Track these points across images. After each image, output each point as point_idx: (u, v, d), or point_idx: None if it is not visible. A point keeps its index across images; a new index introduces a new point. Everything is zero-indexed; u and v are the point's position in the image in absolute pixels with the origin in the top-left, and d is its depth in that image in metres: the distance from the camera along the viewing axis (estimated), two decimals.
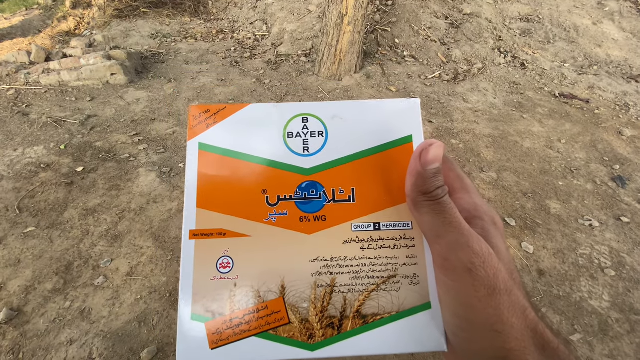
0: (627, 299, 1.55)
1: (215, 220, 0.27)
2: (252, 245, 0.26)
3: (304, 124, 0.26)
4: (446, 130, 2.58)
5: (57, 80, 2.88)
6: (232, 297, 0.25)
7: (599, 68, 3.67)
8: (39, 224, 1.70)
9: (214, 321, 0.25)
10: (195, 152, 0.28)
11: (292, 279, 0.26)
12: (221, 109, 0.29)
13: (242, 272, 0.26)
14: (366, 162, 0.25)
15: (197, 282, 0.26)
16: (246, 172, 0.27)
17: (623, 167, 2.36)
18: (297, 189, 0.26)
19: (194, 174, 0.28)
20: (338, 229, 0.26)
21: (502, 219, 1.87)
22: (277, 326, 0.25)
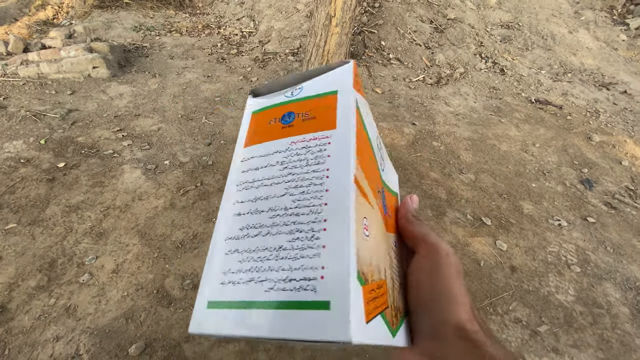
0: (591, 293, 1.67)
1: (362, 178, 0.29)
2: (375, 216, 0.30)
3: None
4: (428, 133, 2.67)
5: (36, 72, 2.80)
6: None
7: (573, 75, 3.86)
8: (20, 221, 1.67)
9: (367, 287, 0.25)
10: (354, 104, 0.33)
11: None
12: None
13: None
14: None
15: (356, 235, 0.25)
16: None
17: (591, 171, 2.52)
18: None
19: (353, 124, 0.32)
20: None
21: (478, 219, 1.97)
22: (384, 308, 0.27)
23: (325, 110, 0.32)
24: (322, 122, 0.32)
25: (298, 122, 0.33)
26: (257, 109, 0.36)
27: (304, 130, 0.32)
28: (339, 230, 0.25)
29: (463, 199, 2.11)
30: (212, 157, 2.23)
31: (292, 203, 0.28)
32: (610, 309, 1.61)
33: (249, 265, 0.27)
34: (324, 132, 0.31)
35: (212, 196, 1.94)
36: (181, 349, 1.27)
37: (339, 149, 0.29)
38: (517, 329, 1.48)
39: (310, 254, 0.25)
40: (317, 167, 0.29)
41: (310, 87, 0.35)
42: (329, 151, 0.29)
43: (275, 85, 0.37)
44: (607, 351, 1.45)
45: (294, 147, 0.31)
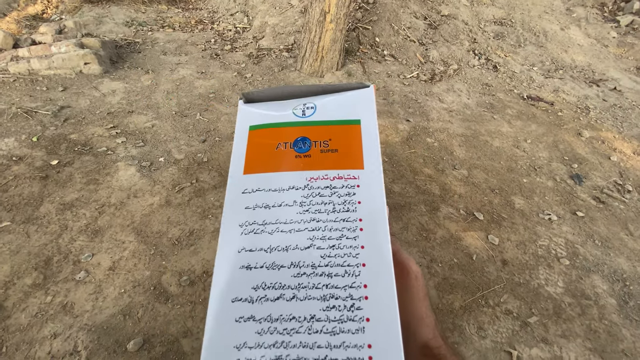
0: (579, 285, 1.72)
1: None
2: None
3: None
4: (422, 129, 2.70)
5: (27, 68, 2.75)
6: None
7: (564, 72, 3.91)
8: (14, 219, 1.66)
9: None
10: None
11: None
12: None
13: None
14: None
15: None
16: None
17: (581, 166, 2.57)
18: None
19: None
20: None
21: (471, 213, 2.00)
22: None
23: (349, 144, 0.28)
24: (346, 158, 0.28)
25: (316, 152, 0.28)
26: (256, 125, 0.31)
27: (325, 164, 0.28)
28: (384, 299, 0.22)
29: (456, 195, 2.14)
30: (207, 154, 2.23)
31: (321, 259, 0.24)
32: (598, 300, 1.66)
33: (273, 339, 0.22)
34: (351, 172, 0.27)
35: (208, 193, 1.94)
36: (179, 344, 1.29)
37: (371, 194, 0.26)
38: (508, 320, 1.52)
39: (352, 328, 0.21)
40: (347, 215, 0.25)
41: (326, 109, 0.30)
42: (359, 196, 0.26)
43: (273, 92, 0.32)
44: (594, 341, 1.50)
45: (314, 186, 0.27)
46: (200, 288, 1.48)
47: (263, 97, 0.32)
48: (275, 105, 0.31)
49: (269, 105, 0.32)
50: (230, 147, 2.30)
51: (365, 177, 0.27)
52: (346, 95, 0.30)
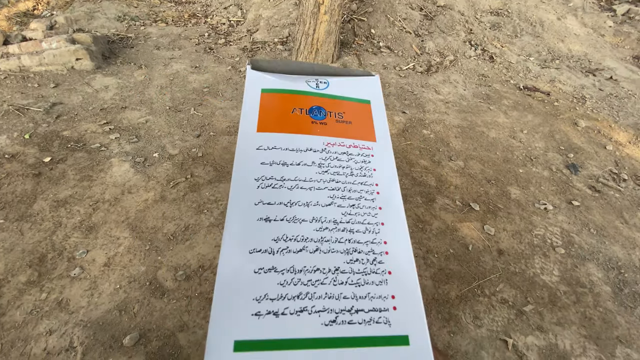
0: (574, 273, 1.73)
1: None
2: None
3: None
4: (418, 121, 2.68)
5: (18, 65, 2.72)
6: None
7: (561, 62, 3.89)
8: (7, 217, 1.65)
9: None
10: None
11: None
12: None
13: None
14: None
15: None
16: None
17: (576, 156, 2.57)
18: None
19: None
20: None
21: (467, 204, 2.00)
22: None
23: (361, 118, 0.30)
24: (360, 130, 0.30)
25: (331, 121, 0.30)
26: (268, 88, 0.31)
27: (341, 133, 0.29)
28: (403, 257, 0.23)
29: (452, 186, 2.14)
30: (202, 149, 2.21)
31: (342, 217, 0.25)
32: (593, 288, 1.67)
33: (297, 290, 0.22)
34: (366, 142, 0.29)
35: (203, 188, 1.93)
36: (176, 338, 1.29)
37: (384, 165, 0.28)
38: (503, 309, 1.53)
39: (376, 280, 0.22)
40: (365, 179, 0.27)
41: (338, 86, 0.32)
42: (374, 164, 0.28)
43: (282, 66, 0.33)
44: (589, 328, 1.51)
45: (332, 150, 0.28)
46: (196, 283, 1.48)
47: (271, 69, 0.32)
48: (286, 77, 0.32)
49: (279, 76, 0.32)
50: (225, 141, 2.29)
51: (378, 149, 0.29)
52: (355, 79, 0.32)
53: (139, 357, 1.23)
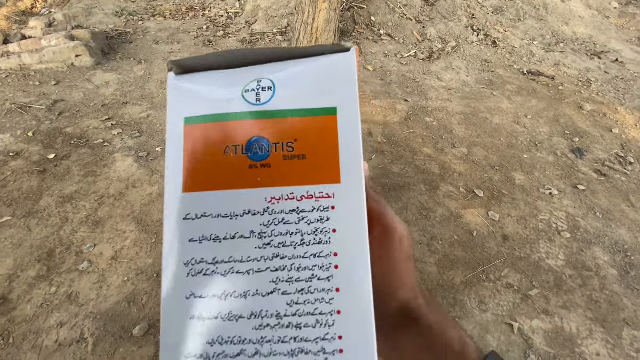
0: (580, 257, 1.72)
1: None
2: None
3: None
4: (421, 109, 2.66)
5: (18, 63, 2.72)
6: None
7: (565, 45, 3.82)
8: (14, 213, 1.67)
9: None
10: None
11: None
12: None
13: None
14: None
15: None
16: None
17: (582, 140, 2.54)
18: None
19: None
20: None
21: (471, 191, 2.00)
22: None
23: (320, 146, 0.22)
24: (317, 167, 0.21)
25: (277, 160, 0.22)
26: (193, 116, 0.23)
27: (290, 178, 0.22)
28: (362, 352, 0.19)
29: (456, 173, 2.13)
30: None
31: (288, 307, 0.20)
32: (599, 272, 1.66)
33: None
34: (325, 187, 0.21)
35: None
36: None
37: (349, 220, 0.21)
38: (509, 294, 1.53)
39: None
40: (320, 248, 0.21)
41: (288, 90, 0.23)
42: (334, 222, 0.21)
43: (215, 60, 0.24)
44: (595, 311, 1.51)
45: (277, 209, 0.21)
46: None
47: (202, 66, 0.24)
48: (220, 78, 0.23)
49: (211, 79, 0.24)
50: None
51: (342, 194, 0.21)
52: (317, 63, 0.22)
53: (149, 347, 1.25)
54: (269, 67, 0.23)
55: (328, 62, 0.22)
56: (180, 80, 0.24)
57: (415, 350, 0.26)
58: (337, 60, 0.22)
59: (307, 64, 0.23)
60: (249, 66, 0.23)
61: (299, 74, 0.22)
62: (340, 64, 0.22)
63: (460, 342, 0.25)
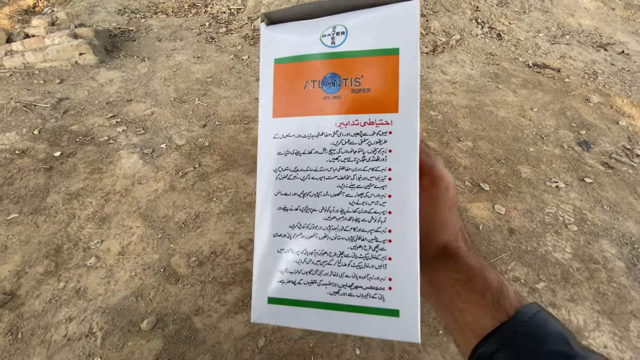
0: (587, 250, 1.71)
1: None
2: None
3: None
4: (425, 103, 2.64)
5: (22, 62, 2.73)
6: None
7: (571, 37, 3.77)
8: (21, 210, 1.68)
9: None
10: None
11: None
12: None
13: None
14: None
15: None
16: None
17: (589, 132, 2.51)
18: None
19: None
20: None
21: (476, 185, 1.99)
22: None
23: (382, 81, 0.26)
24: (379, 99, 0.26)
25: (346, 93, 0.26)
26: (281, 57, 0.28)
27: (356, 108, 0.26)
28: (406, 243, 0.24)
29: (461, 166, 2.11)
30: (208, 138, 2.22)
31: (350, 206, 0.26)
32: (607, 264, 1.65)
33: (309, 267, 0.26)
34: (383, 116, 0.25)
35: (211, 177, 1.94)
36: (191, 322, 1.32)
37: (403, 143, 0.25)
38: (515, 287, 1.52)
39: (375, 265, 0.25)
40: (376, 164, 0.25)
41: (359, 34, 0.26)
42: (390, 144, 0.25)
43: (299, 11, 0.28)
44: (603, 303, 1.50)
45: (344, 132, 0.26)
46: (209, 268, 1.50)
47: (287, 17, 0.29)
48: (303, 26, 0.28)
49: (295, 27, 0.28)
50: (231, 130, 2.29)
51: (399, 121, 0.25)
52: (384, 12, 0.26)
53: (157, 341, 1.26)
54: (343, 15, 0.27)
55: (394, 10, 0.26)
56: (270, 30, 0.29)
57: (452, 284, 0.27)
58: (403, 8, 0.26)
59: (376, 11, 0.26)
60: (326, 16, 0.28)
61: (368, 20, 0.26)
62: (405, 11, 0.26)
63: (499, 283, 0.26)
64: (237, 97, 2.61)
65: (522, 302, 0.26)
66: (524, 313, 0.24)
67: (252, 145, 2.17)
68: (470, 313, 0.26)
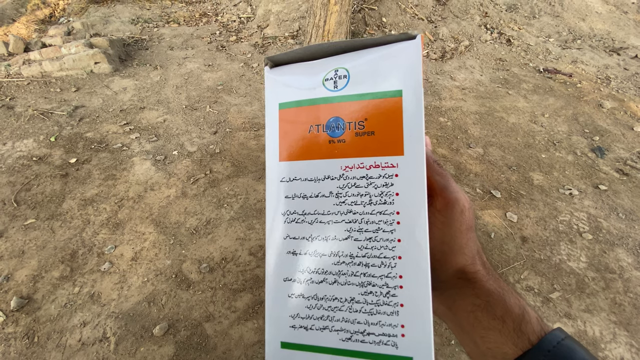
0: (603, 259, 1.68)
1: None
2: None
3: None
4: (435, 109, 2.64)
5: (39, 71, 2.82)
6: None
7: (582, 42, 3.73)
8: (38, 216, 1.72)
9: None
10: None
11: None
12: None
13: None
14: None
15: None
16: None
17: (602, 138, 2.47)
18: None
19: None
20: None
21: (488, 192, 1.97)
22: None
23: (387, 124, 0.25)
24: (384, 142, 0.25)
25: (350, 136, 0.26)
26: (285, 101, 0.29)
27: (361, 151, 0.26)
28: (418, 290, 0.24)
29: (472, 173, 2.10)
30: (219, 145, 2.25)
31: (359, 250, 0.26)
32: (623, 274, 1.61)
33: (320, 313, 0.26)
34: (389, 159, 0.25)
35: (222, 183, 1.96)
36: (203, 328, 1.32)
37: (410, 185, 0.25)
38: (529, 296, 1.50)
39: (387, 311, 0.25)
40: (384, 207, 0.25)
41: (361, 76, 0.26)
42: (397, 187, 0.25)
43: (301, 53, 0.28)
44: (619, 314, 1.46)
45: (350, 175, 0.26)
46: (220, 274, 1.51)
47: (291, 59, 0.29)
48: (305, 69, 0.29)
49: (297, 70, 0.29)
50: (241, 137, 2.32)
51: (405, 164, 0.25)
52: (385, 52, 0.26)
53: (169, 346, 1.27)
54: (345, 56, 0.27)
55: (396, 50, 0.26)
56: (273, 73, 0.29)
57: (471, 309, 0.27)
58: (405, 47, 0.25)
59: (378, 52, 0.26)
60: (327, 57, 0.28)
61: (370, 61, 0.26)
62: (407, 51, 0.25)
63: (520, 308, 0.26)
64: (247, 105, 2.64)
65: (545, 328, 0.25)
66: (548, 342, 0.24)
67: (262, 152, 2.19)
68: (491, 340, 0.25)
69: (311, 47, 0.28)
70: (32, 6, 4.62)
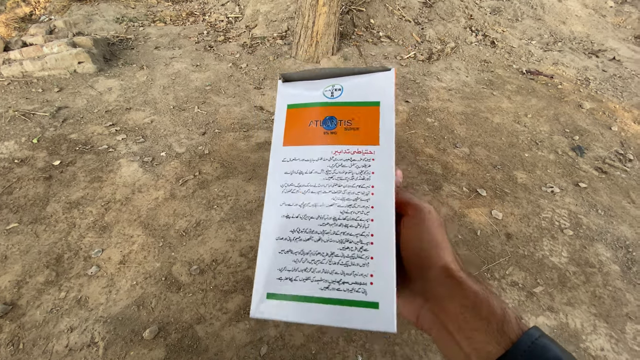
0: (583, 254, 1.74)
1: None
2: None
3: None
4: (422, 110, 2.68)
5: (20, 70, 2.74)
6: None
7: (563, 44, 3.85)
8: (21, 220, 1.68)
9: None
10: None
11: None
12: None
13: None
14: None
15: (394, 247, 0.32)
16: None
17: (582, 138, 2.56)
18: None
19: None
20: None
21: (474, 190, 2.01)
22: None
23: (367, 123, 0.35)
24: (365, 135, 0.35)
25: (341, 130, 0.35)
26: (292, 103, 0.37)
27: (348, 140, 0.35)
28: (385, 245, 0.30)
29: (458, 173, 2.14)
30: (208, 146, 2.23)
31: (340, 214, 0.32)
32: (602, 268, 1.68)
33: (304, 265, 0.32)
34: (368, 147, 0.34)
35: (211, 184, 1.95)
36: (194, 330, 1.32)
37: (382, 167, 0.33)
38: (514, 291, 1.54)
39: (360, 263, 0.31)
40: (363, 182, 0.33)
41: (351, 91, 0.36)
42: (373, 168, 0.33)
43: (308, 74, 0.38)
44: (599, 306, 1.52)
45: (338, 157, 0.34)
46: (211, 276, 1.50)
47: (299, 78, 0.38)
48: (309, 84, 0.38)
49: (303, 85, 0.38)
50: (230, 138, 2.31)
51: (380, 151, 0.34)
52: (369, 77, 0.36)
53: (159, 350, 1.26)
54: (341, 78, 0.37)
55: (377, 77, 0.36)
56: (285, 86, 0.38)
57: (460, 311, 0.28)
58: (383, 76, 0.36)
59: (365, 77, 0.37)
60: (327, 78, 0.38)
61: (358, 82, 0.37)
62: (384, 78, 0.36)
63: (502, 309, 0.27)
64: (236, 105, 2.63)
65: (523, 327, 0.26)
66: (524, 341, 0.25)
67: (251, 153, 2.19)
68: (477, 340, 0.27)
69: (316, 69, 0.37)
70: (12, 4, 4.48)
